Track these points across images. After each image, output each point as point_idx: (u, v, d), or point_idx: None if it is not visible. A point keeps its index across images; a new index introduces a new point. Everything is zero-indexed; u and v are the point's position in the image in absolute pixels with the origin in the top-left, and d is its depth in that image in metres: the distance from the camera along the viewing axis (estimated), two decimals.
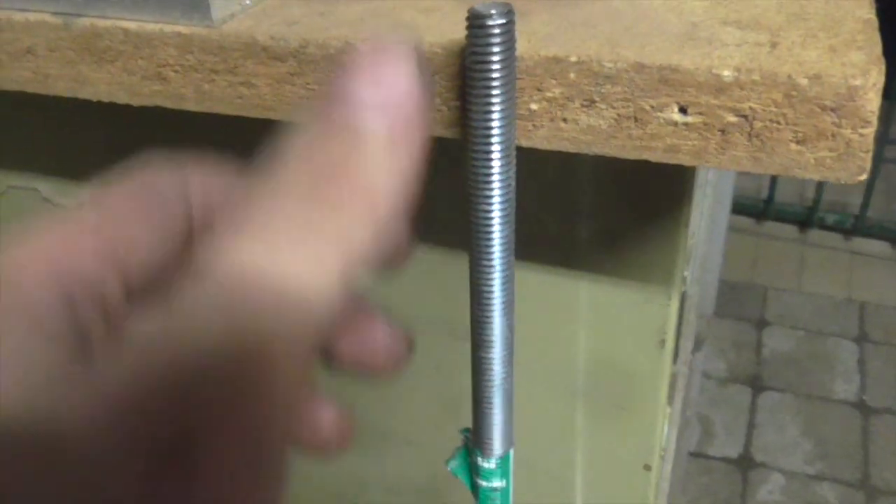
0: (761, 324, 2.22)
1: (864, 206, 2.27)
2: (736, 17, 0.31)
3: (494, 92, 0.28)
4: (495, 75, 0.28)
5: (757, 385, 2.08)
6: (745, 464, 1.89)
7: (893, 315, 2.22)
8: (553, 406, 0.48)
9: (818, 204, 2.32)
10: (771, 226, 2.45)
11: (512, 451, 0.36)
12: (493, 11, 0.27)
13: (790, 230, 2.44)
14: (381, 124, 0.19)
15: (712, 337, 2.12)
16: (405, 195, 0.20)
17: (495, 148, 0.29)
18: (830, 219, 2.38)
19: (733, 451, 1.93)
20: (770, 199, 2.35)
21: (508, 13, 0.28)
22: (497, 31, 0.27)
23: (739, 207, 2.38)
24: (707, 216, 0.90)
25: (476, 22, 0.28)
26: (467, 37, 0.28)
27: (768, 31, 0.30)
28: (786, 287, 2.30)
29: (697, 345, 1.26)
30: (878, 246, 2.37)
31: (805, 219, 2.41)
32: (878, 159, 2.17)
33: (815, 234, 2.43)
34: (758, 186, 2.42)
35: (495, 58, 0.28)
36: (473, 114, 0.29)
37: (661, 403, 0.45)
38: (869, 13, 0.31)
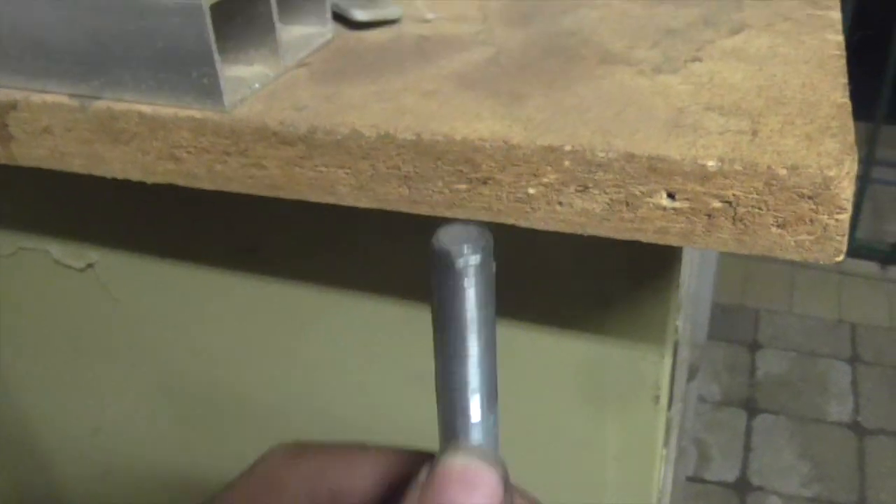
0: (754, 346, 2.24)
1: (853, 227, 2.30)
2: (719, 103, 0.33)
3: (469, 333, 0.24)
4: (468, 313, 0.23)
5: (751, 408, 2.10)
6: (742, 487, 1.91)
7: (884, 335, 2.24)
8: (552, 459, 0.49)
9: None
10: None
11: None
12: (465, 246, 0.22)
13: None
14: None
15: (706, 360, 2.14)
16: None
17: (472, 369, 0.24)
18: None
19: (730, 475, 1.95)
20: None
21: (484, 244, 0.22)
22: (470, 273, 0.22)
23: None
24: (697, 251, 0.91)
25: (441, 261, 0.22)
26: (432, 269, 0.23)
27: (749, 117, 0.32)
28: (777, 309, 2.33)
29: (692, 374, 1.28)
30: (866, 266, 2.40)
31: None
32: (865, 180, 2.20)
33: None
34: None
35: (469, 302, 0.23)
36: (444, 346, 0.24)
37: (657, 455, 0.46)
38: (843, 97, 0.33)
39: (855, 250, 2.33)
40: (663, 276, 0.41)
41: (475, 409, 0.23)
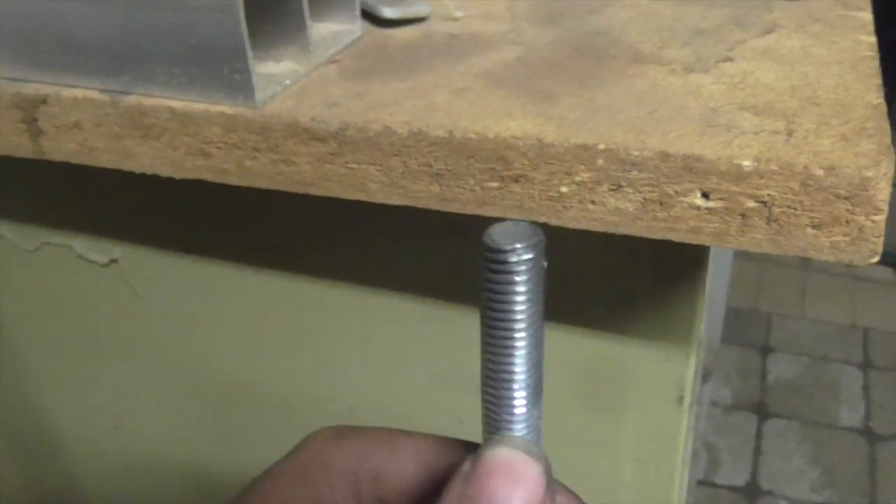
0: (766, 350, 2.23)
1: None
2: (752, 103, 0.33)
3: (518, 328, 0.23)
4: (518, 312, 0.23)
5: (763, 412, 2.09)
6: (752, 491, 1.90)
7: None
8: (575, 460, 0.49)
9: None
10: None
11: None
12: (517, 243, 0.22)
13: (793, 256, 2.45)
14: None
15: (718, 364, 2.14)
16: None
17: (518, 397, 0.24)
18: None
19: (740, 479, 1.94)
20: None
21: (536, 241, 0.22)
22: (522, 269, 0.22)
23: None
24: (714, 248, 0.91)
25: (494, 257, 0.22)
26: (483, 267, 0.23)
27: (784, 117, 0.32)
28: (790, 314, 2.32)
29: (705, 377, 1.27)
30: (881, 272, 2.39)
31: None
32: None
33: (817, 261, 2.44)
34: None
35: (519, 297, 0.22)
36: (492, 345, 0.24)
37: (680, 456, 0.46)
38: (878, 98, 0.33)
39: None
40: (690, 277, 0.41)
41: (520, 402, 0.23)
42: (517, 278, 0.22)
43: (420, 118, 0.34)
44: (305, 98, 0.37)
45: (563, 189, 0.32)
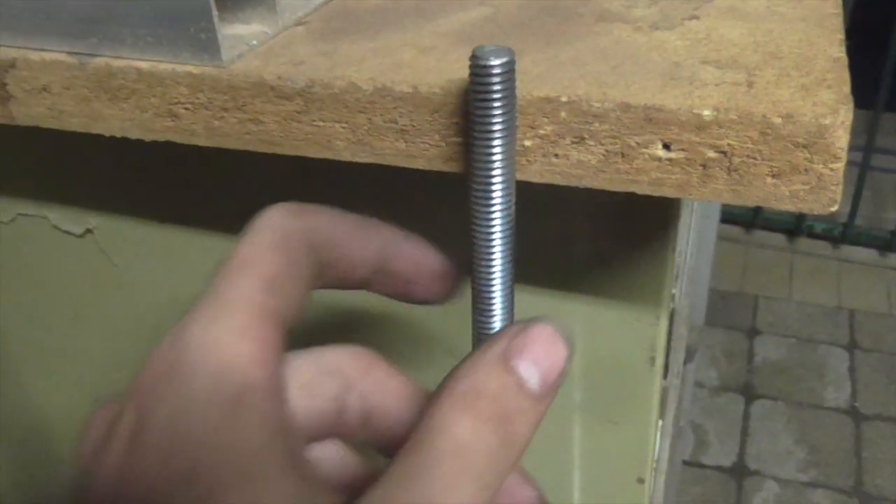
0: (752, 332, 2.24)
1: (852, 214, 2.30)
2: (715, 57, 0.33)
3: (496, 131, 0.30)
4: (496, 115, 0.30)
5: (749, 393, 2.10)
6: (739, 472, 1.91)
7: (882, 322, 2.25)
8: (550, 421, 0.49)
9: (806, 213, 2.34)
10: (760, 235, 2.48)
11: None
12: (494, 55, 0.29)
13: (779, 239, 2.47)
14: (537, 392, 0.27)
15: (704, 346, 2.15)
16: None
17: (496, 184, 0.31)
18: (819, 227, 2.41)
19: (727, 460, 1.95)
20: (759, 208, 2.38)
21: (509, 56, 0.29)
22: (498, 74, 0.29)
23: (729, 217, 2.40)
24: (695, 229, 0.92)
25: (478, 65, 0.29)
26: (470, 79, 0.30)
27: (745, 70, 0.32)
28: (776, 296, 2.33)
29: (689, 356, 1.28)
30: (866, 253, 2.40)
31: (794, 227, 2.43)
32: (865, 167, 2.20)
33: (803, 243, 2.46)
34: None
35: (496, 100, 0.29)
36: (476, 152, 0.31)
37: (653, 418, 0.47)
38: (839, 52, 0.33)
39: (854, 237, 2.33)
40: (659, 239, 0.41)
41: (496, 191, 0.31)
42: (497, 84, 0.29)
43: (385, 75, 0.34)
44: (272, 58, 0.37)
45: (527, 143, 0.32)
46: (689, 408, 1.78)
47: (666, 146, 0.31)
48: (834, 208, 0.30)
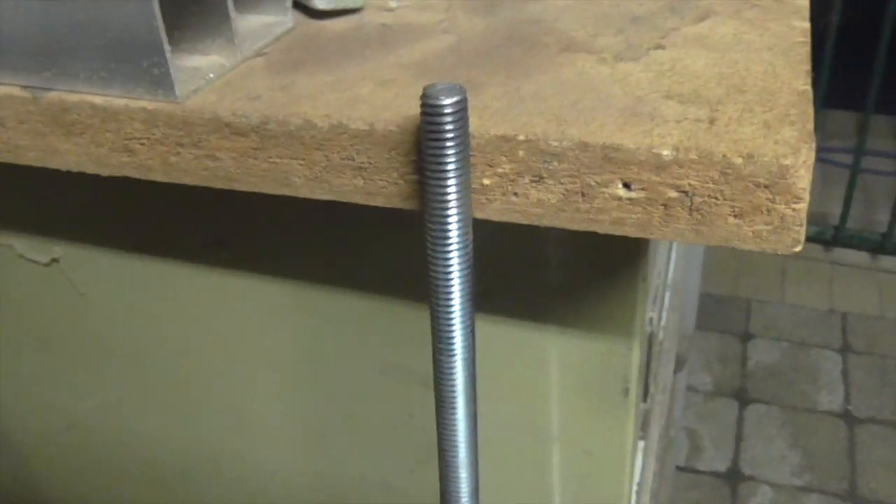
0: (746, 336, 2.24)
1: (844, 217, 2.30)
2: (678, 90, 0.32)
3: (449, 169, 0.29)
4: (449, 154, 0.29)
5: (743, 398, 2.10)
6: (733, 477, 1.91)
7: (875, 325, 2.24)
8: (526, 452, 0.49)
9: None
10: None
11: None
12: (445, 94, 0.29)
13: None
14: None
15: (697, 350, 2.14)
16: None
17: (452, 222, 0.30)
18: (810, 230, 2.40)
19: (721, 465, 1.95)
20: None
21: (460, 95, 0.29)
22: (449, 112, 0.29)
23: None
24: (678, 244, 0.91)
25: (429, 104, 0.29)
26: (421, 118, 0.29)
27: (708, 105, 0.31)
28: (769, 299, 2.33)
29: (679, 364, 1.27)
30: (857, 256, 2.39)
31: None
32: (855, 170, 2.20)
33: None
34: None
35: (449, 139, 0.29)
36: (430, 191, 0.30)
37: (628, 447, 0.46)
38: (804, 84, 0.32)
39: (846, 240, 2.33)
40: (628, 269, 0.40)
41: (452, 228, 0.31)
42: (447, 119, 0.29)
43: (342, 111, 0.33)
44: (229, 92, 0.36)
45: (486, 181, 0.32)
46: (681, 414, 1.77)
47: (626, 185, 0.30)
48: (798, 248, 0.29)
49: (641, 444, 0.62)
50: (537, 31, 0.39)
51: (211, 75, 0.37)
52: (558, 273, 0.42)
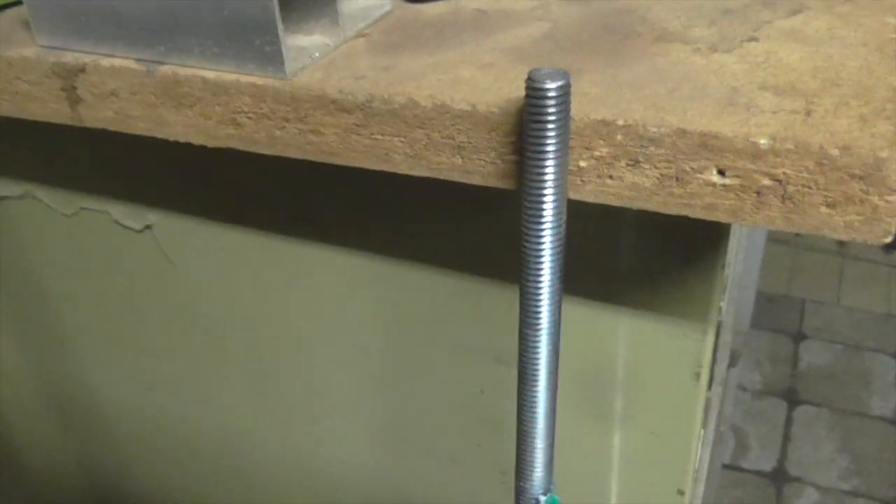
0: (798, 337, 2.22)
1: None
2: (773, 82, 0.33)
3: (549, 151, 0.31)
4: (550, 136, 0.31)
5: (792, 399, 2.08)
6: (779, 478, 1.89)
7: None
8: (590, 432, 0.50)
9: None
10: (810, 238, 2.44)
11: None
12: (550, 78, 0.30)
13: (829, 242, 2.43)
14: None
15: (749, 349, 2.12)
16: None
17: (548, 202, 0.32)
18: None
19: (767, 465, 1.93)
20: None
21: (564, 80, 0.30)
22: (553, 96, 0.30)
23: None
24: (745, 233, 0.91)
25: (534, 87, 0.30)
26: (525, 100, 0.31)
27: (803, 97, 0.32)
28: (824, 300, 2.30)
29: (733, 360, 1.27)
30: None
31: None
32: None
33: (854, 247, 2.41)
34: None
35: (551, 122, 0.30)
36: (529, 170, 0.31)
37: (696, 431, 0.47)
38: None
39: None
40: (709, 256, 0.41)
41: (548, 208, 0.33)
42: (552, 107, 0.30)
43: (445, 92, 0.35)
44: (334, 70, 0.38)
45: (582, 163, 0.33)
46: (730, 411, 1.76)
47: (721, 172, 0.31)
48: (888, 239, 0.30)
49: (701, 433, 0.63)
50: (631, 20, 0.40)
51: (316, 54, 0.39)
52: (636, 256, 0.43)
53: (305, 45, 0.40)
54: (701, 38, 0.38)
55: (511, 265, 0.46)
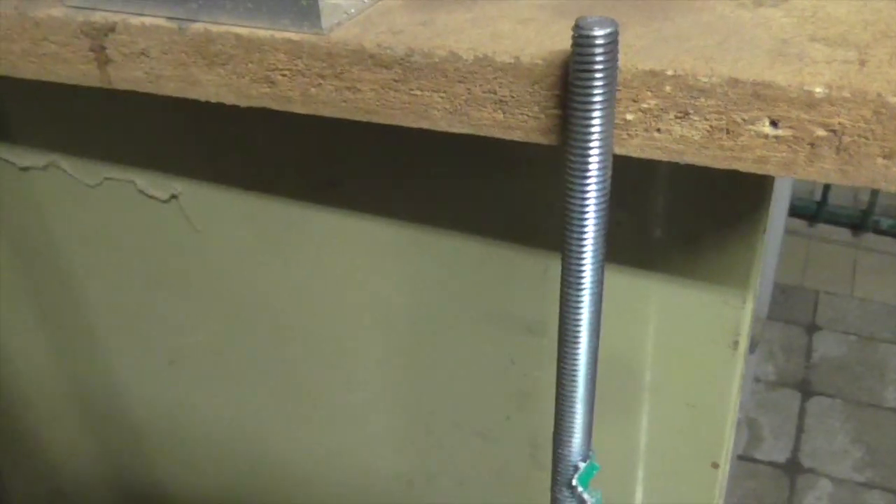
0: (812, 328, 2.20)
1: None
2: (824, 35, 0.32)
3: (596, 102, 0.30)
4: (597, 86, 0.30)
5: (806, 390, 2.07)
6: (792, 469, 1.88)
7: None
8: (621, 403, 0.49)
9: (873, 207, 2.29)
10: (824, 228, 2.42)
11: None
12: (598, 25, 0.29)
13: (843, 233, 2.41)
14: None
15: (762, 340, 2.11)
16: None
17: (593, 156, 0.31)
18: (885, 223, 2.35)
19: (781, 456, 1.93)
20: (824, 201, 2.33)
21: (613, 28, 0.29)
22: (601, 44, 0.29)
23: (792, 209, 2.35)
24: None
25: (581, 35, 0.29)
26: (572, 49, 0.30)
27: (856, 48, 0.31)
28: (838, 291, 2.28)
29: (752, 347, 1.26)
30: None
31: (859, 222, 2.37)
32: None
33: (868, 238, 2.40)
34: (811, 188, 2.40)
35: (598, 70, 0.29)
36: (574, 122, 0.31)
37: (733, 402, 0.46)
38: None
39: None
40: (750, 220, 0.41)
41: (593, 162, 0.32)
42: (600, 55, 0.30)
43: (485, 45, 0.34)
44: (370, 26, 0.37)
45: (629, 116, 0.32)
46: (745, 401, 1.75)
47: (773, 123, 0.30)
48: None
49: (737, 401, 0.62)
50: None
51: (352, 10, 0.38)
52: (675, 220, 0.42)
53: (341, 2, 0.39)
54: None
55: (544, 231, 0.45)
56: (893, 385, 2.07)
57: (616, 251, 0.44)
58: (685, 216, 0.42)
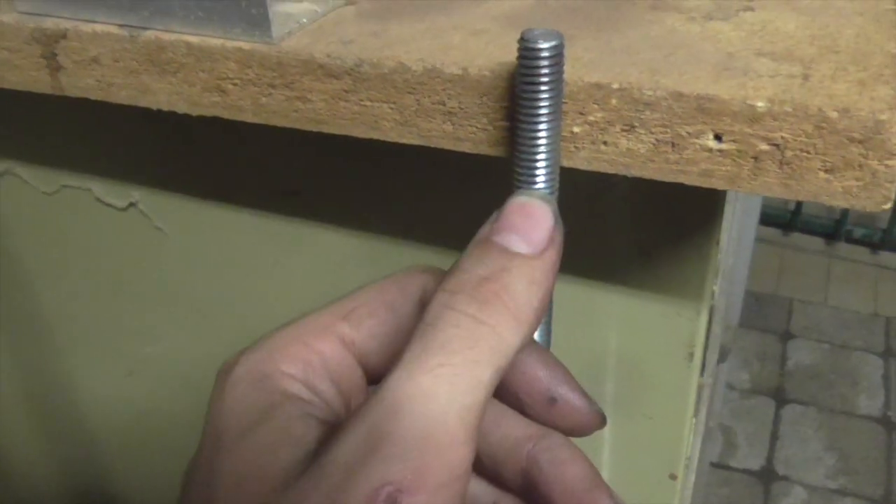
0: (786, 336, 2.22)
1: (892, 220, 2.26)
2: (770, 49, 0.33)
3: (541, 114, 0.30)
4: (543, 98, 0.30)
5: (780, 397, 2.08)
6: (766, 476, 1.89)
7: None
8: None
9: (846, 217, 2.31)
10: (798, 237, 2.44)
11: None
12: (543, 38, 0.29)
13: (817, 242, 2.43)
14: (526, 250, 0.27)
15: (737, 348, 2.12)
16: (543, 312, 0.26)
17: (540, 168, 0.31)
18: (858, 232, 2.37)
19: (755, 464, 1.94)
20: (797, 210, 2.35)
21: (558, 40, 0.29)
22: (546, 56, 0.29)
23: (766, 218, 2.37)
24: (736, 227, 0.91)
25: (527, 47, 0.29)
26: (518, 61, 0.30)
27: (801, 63, 0.31)
28: (811, 300, 2.30)
29: (722, 356, 1.27)
30: None
31: (832, 231, 2.39)
32: None
33: (842, 247, 2.42)
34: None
35: (544, 82, 0.29)
36: (521, 134, 0.30)
37: (689, 414, 0.46)
38: None
39: (893, 243, 2.30)
40: (703, 231, 0.41)
41: (540, 175, 0.31)
42: (542, 64, 0.29)
43: (435, 56, 0.34)
44: (322, 36, 0.37)
45: (576, 129, 0.32)
46: (719, 409, 1.76)
47: (717, 137, 0.30)
48: (887, 206, 0.29)
49: (693, 420, 0.62)
50: None
51: (304, 20, 0.38)
52: (628, 232, 0.42)
53: (293, 11, 0.39)
54: (696, 7, 0.37)
55: None
56: (866, 393, 2.09)
57: (570, 262, 0.44)
58: (640, 228, 0.42)
